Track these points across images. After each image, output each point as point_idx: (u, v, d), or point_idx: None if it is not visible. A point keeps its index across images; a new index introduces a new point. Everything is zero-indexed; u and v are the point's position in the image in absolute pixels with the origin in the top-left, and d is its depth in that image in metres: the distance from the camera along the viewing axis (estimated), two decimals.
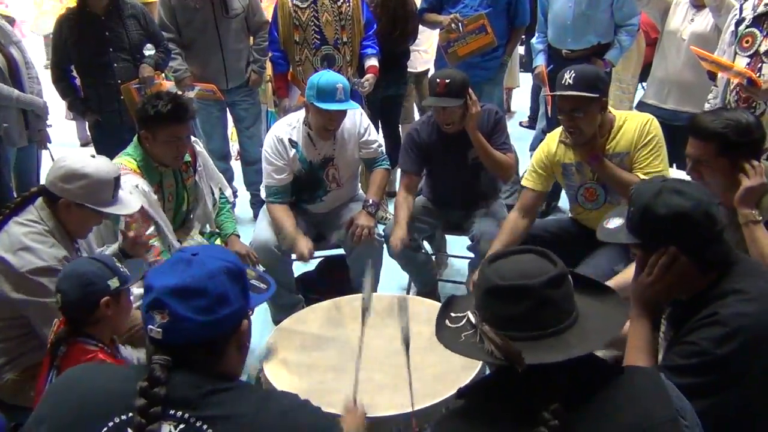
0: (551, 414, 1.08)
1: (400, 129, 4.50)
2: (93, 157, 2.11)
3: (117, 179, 2.12)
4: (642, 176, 2.41)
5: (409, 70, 4.53)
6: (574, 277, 1.22)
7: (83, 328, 1.77)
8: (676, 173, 2.66)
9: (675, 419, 1.12)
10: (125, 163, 2.49)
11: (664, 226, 1.45)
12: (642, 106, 3.65)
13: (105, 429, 1.11)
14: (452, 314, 1.27)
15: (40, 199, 2.07)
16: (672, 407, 1.13)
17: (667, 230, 1.45)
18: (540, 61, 3.91)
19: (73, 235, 2.13)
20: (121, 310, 1.83)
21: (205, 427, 1.10)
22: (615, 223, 1.64)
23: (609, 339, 1.19)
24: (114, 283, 1.77)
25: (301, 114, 2.93)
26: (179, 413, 1.11)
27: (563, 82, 2.41)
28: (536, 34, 4.03)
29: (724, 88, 2.81)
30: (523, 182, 2.75)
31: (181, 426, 1.10)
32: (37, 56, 3.86)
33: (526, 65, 6.20)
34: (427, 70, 4.63)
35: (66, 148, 4.17)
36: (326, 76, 2.77)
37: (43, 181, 2.13)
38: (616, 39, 3.77)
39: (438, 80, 2.79)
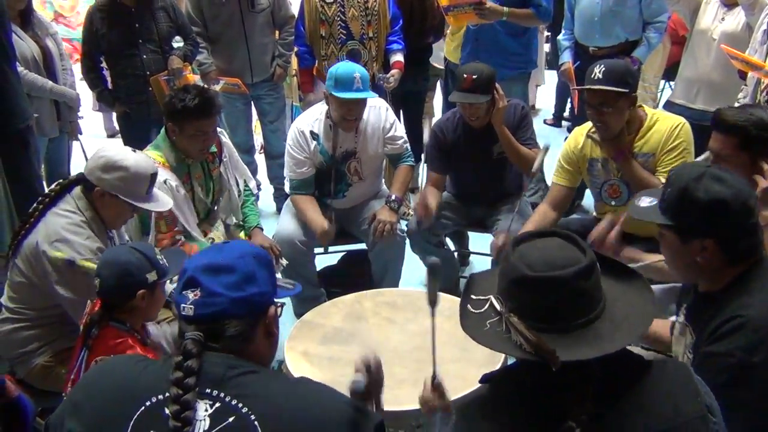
0: (581, 408, 1.07)
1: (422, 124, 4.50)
2: (134, 151, 2.16)
3: (154, 176, 2.16)
4: (663, 181, 2.38)
5: (438, 66, 4.52)
6: (598, 259, 1.18)
7: (116, 313, 1.80)
8: None
9: (704, 416, 1.11)
10: (154, 156, 2.52)
11: (701, 211, 1.43)
12: (670, 106, 3.60)
13: (143, 408, 1.14)
14: (473, 296, 1.23)
15: (77, 189, 2.11)
16: (702, 403, 1.12)
17: (703, 215, 1.43)
18: (567, 58, 3.87)
19: (108, 225, 2.17)
20: (154, 302, 1.86)
21: (240, 405, 1.12)
22: (647, 201, 1.62)
23: (642, 332, 1.17)
24: (152, 276, 1.80)
25: (325, 106, 2.94)
26: (214, 392, 1.14)
27: (592, 76, 2.38)
28: (563, 31, 3.98)
29: (755, 88, 2.77)
30: (552, 178, 2.75)
31: (217, 404, 1.13)
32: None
33: (552, 63, 6.16)
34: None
35: (93, 139, 4.25)
36: (344, 66, 2.79)
37: (73, 172, 2.17)
38: (644, 36, 3.72)
39: (465, 76, 2.78)
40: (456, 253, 3.55)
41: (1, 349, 2.14)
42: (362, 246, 3.15)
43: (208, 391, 1.14)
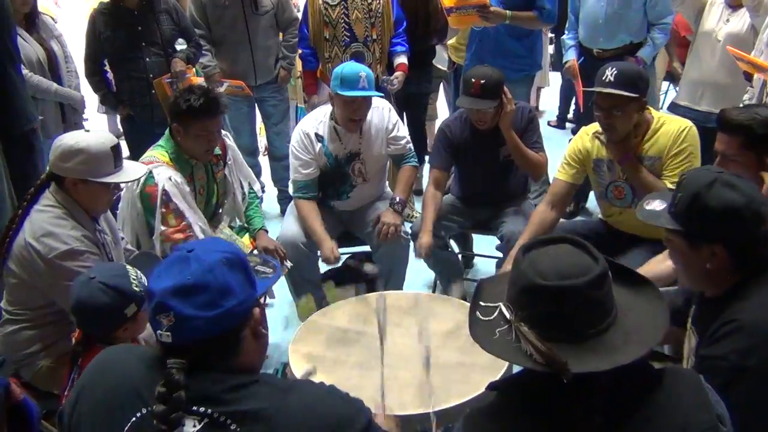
0: (590, 420, 1.05)
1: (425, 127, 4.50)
2: (87, 131, 2.11)
3: (115, 148, 2.10)
4: (669, 185, 2.37)
5: (442, 68, 4.51)
6: (610, 267, 1.15)
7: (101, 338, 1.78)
8: None
9: (715, 426, 1.10)
10: (158, 156, 2.53)
11: (712, 219, 1.41)
12: (674, 108, 3.60)
13: (133, 420, 1.12)
14: (482, 303, 1.20)
15: (53, 184, 2.10)
16: (713, 413, 1.11)
17: (714, 223, 1.42)
18: (571, 56, 3.85)
19: (91, 212, 2.15)
20: (138, 326, 1.83)
21: (228, 422, 1.09)
22: (656, 205, 1.60)
23: (653, 343, 1.14)
24: (131, 310, 1.75)
25: (329, 108, 2.94)
26: (202, 409, 1.10)
27: (604, 78, 2.37)
28: (566, 32, 3.98)
29: (761, 89, 2.77)
30: (556, 174, 2.73)
31: (205, 421, 1.10)
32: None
33: (556, 65, 6.15)
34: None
35: None
36: (349, 66, 2.79)
37: None
38: (649, 36, 3.69)
39: (473, 80, 2.75)
40: (460, 256, 3.55)
41: (5, 351, 2.14)
42: (366, 248, 3.15)
43: (195, 408, 1.10)
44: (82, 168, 2.04)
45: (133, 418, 1.12)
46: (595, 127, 2.58)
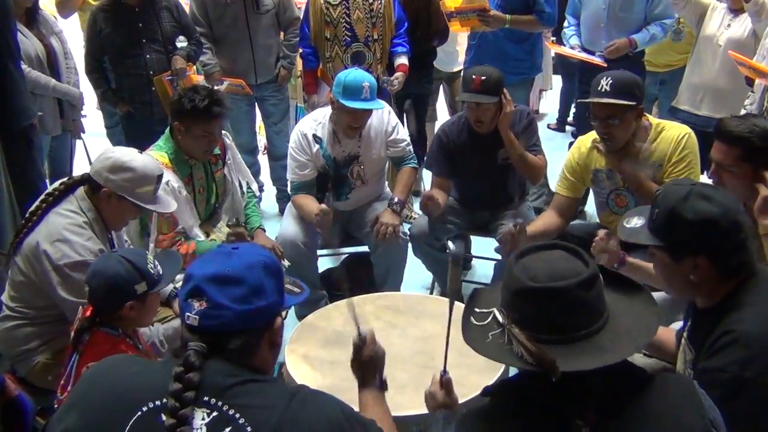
0: (583, 420, 1.06)
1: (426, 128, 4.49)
2: (141, 153, 2.16)
3: (159, 177, 2.16)
4: None
5: (442, 69, 4.51)
6: (602, 272, 1.18)
7: (107, 319, 1.79)
8: (708, 181, 2.63)
9: (708, 430, 1.10)
10: (157, 157, 2.51)
11: (690, 232, 1.42)
12: (675, 112, 3.59)
13: (138, 414, 1.12)
14: (477, 309, 1.23)
15: (81, 189, 2.10)
16: (706, 417, 1.11)
17: (692, 236, 1.43)
18: (574, 41, 3.80)
19: (110, 227, 2.17)
20: (146, 311, 1.84)
21: (237, 415, 1.11)
22: (635, 222, 1.62)
23: (643, 344, 1.17)
24: (141, 287, 1.77)
25: (328, 110, 2.94)
26: (212, 400, 1.12)
27: (599, 88, 2.37)
28: (566, 27, 3.95)
29: (762, 95, 2.76)
30: (556, 188, 2.73)
31: (214, 413, 1.11)
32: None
33: (557, 67, 6.15)
34: (461, 71, 4.60)
35: (96, 137, 4.24)
36: (353, 74, 2.78)
37: (75, 170, 2.16)
38: (646, 27, 3.62)
39: (474, 77, 2.76)
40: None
41: (2, 346, 2.14)
42: (365, 249, 3.15)
43: (206, 399, 1.12)
44: (126, 185, 2.07)
45: (139, 412, 1.13)
46: (592, 136, 2.58)
